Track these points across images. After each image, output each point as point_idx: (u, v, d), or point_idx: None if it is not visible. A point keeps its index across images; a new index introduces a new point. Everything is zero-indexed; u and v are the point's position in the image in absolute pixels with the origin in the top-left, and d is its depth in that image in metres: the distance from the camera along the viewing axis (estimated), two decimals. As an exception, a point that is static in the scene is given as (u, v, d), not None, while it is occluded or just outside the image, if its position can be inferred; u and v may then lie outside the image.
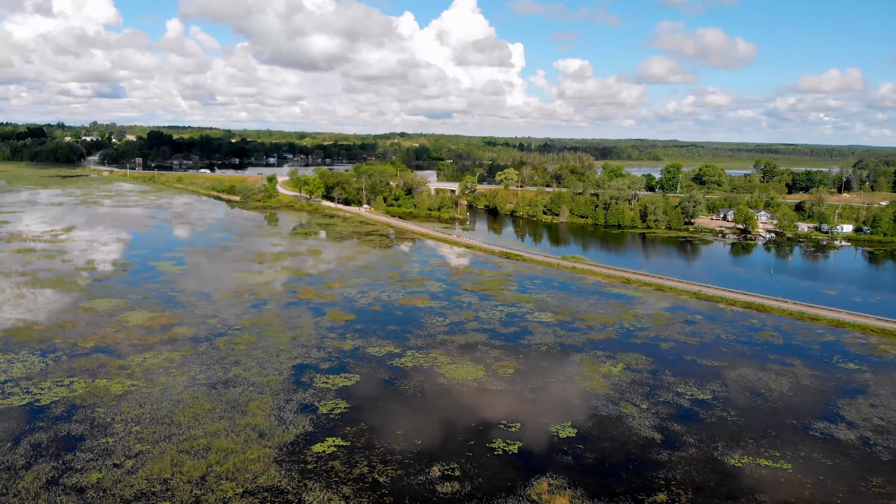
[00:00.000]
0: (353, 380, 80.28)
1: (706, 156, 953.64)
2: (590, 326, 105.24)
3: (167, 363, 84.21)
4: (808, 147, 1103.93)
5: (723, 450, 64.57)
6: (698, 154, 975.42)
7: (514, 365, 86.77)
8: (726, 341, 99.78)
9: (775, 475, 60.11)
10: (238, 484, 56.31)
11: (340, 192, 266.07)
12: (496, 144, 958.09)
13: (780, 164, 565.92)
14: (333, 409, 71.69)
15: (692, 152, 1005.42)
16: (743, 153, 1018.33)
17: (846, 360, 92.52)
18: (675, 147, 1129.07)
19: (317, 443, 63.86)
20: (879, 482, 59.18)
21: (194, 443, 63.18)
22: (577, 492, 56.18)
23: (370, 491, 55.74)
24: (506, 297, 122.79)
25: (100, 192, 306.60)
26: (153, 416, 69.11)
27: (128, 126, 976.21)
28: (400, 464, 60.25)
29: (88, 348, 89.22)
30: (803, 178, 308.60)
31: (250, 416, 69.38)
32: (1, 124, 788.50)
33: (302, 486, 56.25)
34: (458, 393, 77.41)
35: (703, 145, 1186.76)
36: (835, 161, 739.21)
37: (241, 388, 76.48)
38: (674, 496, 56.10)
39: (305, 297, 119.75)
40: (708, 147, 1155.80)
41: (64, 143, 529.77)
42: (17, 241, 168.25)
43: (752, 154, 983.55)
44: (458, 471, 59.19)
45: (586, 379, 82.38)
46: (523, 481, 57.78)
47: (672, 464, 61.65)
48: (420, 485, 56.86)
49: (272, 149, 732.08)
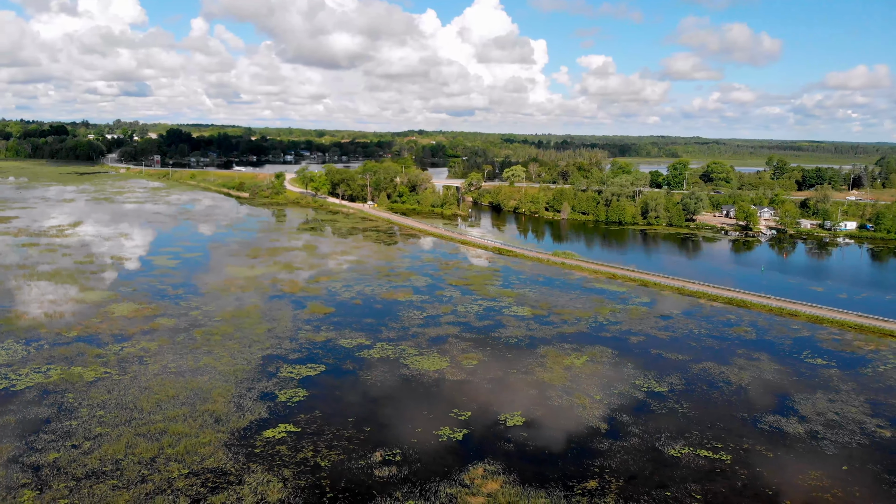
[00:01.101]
0: (318, 370, 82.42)
1: (727, 153, 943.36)
2: (564, 320, 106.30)
3: (142, 352, 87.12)
4: (832, 144, 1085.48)
5: (665, 441, 65.52)
6: (718, 151, 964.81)
7: (479, 357, 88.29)
8: (697, 336, 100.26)
9: (712, 466, 60.98)
10: (185, 465, 58.67)
11: (345, 188, 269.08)
12: (514, 141, 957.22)
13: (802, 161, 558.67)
14: (292, 397, 73.88)
15: (713, 149, 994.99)
16: (765, 150, 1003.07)
17: (815, 355, 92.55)
18: (696, 144, 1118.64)
19: (269, 429, 66.05)
20: (817, 475, 59.70)
21: (152, 427, 65.74)
22: (510, 477, 57.67)
23: (309, 474, 57.76)
24: (488, 292, 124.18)
25: (113, 188, 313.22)
26: (118, 401, 71.85)
27: (151, 124, 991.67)
28: (344, 449, 62.20)
29: (71, 337, 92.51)
30: (813, 176, 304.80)
31: (211, 402, 71.82)
32: (27, 122, 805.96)
33: (245, 468, 58.46)
34: (417, 383, 79.17)
35: (725, 142, 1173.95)
36: (859, 158, 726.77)
37: (207, 377, 79.00)
38: (605, 483, 57.32)
39: (290, 290, 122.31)
40: (730, 144, 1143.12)
41: (84, 141, 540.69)
42: (23, 236, 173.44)
43: (775, 151, 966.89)
44: (400, 456, 60.97)
45: (547, 370, 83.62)
46: (461, 467, 59.40)
47: (611, 453, 62.80)
48: (359, 469, 58.76)
49: (290, 146, 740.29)
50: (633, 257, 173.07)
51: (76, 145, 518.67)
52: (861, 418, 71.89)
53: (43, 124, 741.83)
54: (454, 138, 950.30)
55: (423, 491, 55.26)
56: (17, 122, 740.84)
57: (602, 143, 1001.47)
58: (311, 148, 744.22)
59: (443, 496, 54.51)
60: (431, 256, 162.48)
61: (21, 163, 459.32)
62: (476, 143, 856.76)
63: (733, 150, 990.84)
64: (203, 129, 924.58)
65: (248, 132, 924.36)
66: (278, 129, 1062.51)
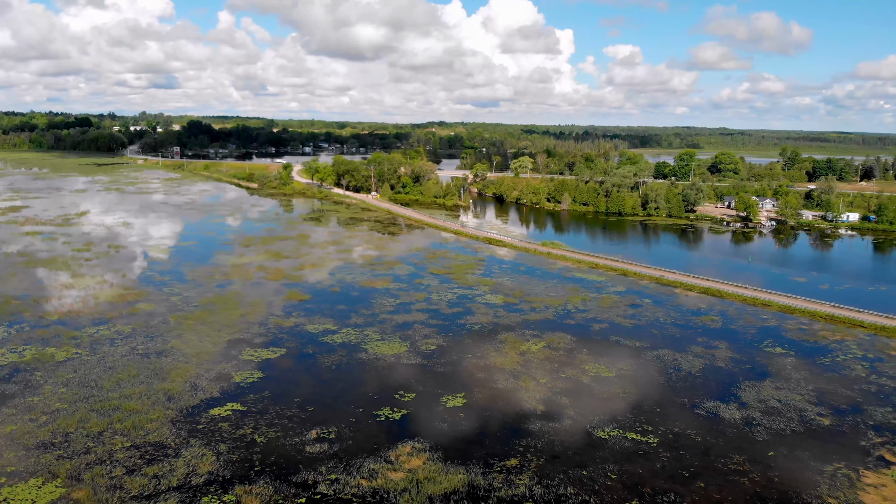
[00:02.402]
0: (279, 353, 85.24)
1: (750, 144, 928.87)
2: (533, 308, 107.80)
3: (116, 335, 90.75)
4: (860, 135, 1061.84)
5: (598, 423, 67.08)
6: (742, 142, 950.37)
7: (439, 342, 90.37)
8: (662, 324, 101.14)
9: (636, 448, 62.44)
10: (129, 439, 61.80)
11: (349, 179, 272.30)
12: (534, 132, 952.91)
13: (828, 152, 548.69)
14: (247, 378, 76.74)
15: (736, 140, 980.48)
16: (790, 141, 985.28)
17: (776, 344, 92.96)
18: (720, 135, 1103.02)
19: (216, 407, 68.98)
20: (740, 460, 60.78)
21: (107, 403, 69.07)
22: (434, 455, 59.81)
23: (244, 449, 60.50)
24: (466, 280, 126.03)
25: (126, 179, 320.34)
26: (82, 379, 75.38)
27: (177, 116, 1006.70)
28: (283, 427, 64.86)
29: (52, 321, 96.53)
30: (823, 167, 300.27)
31: (168, 382, 74.99)
32: (54, 114, 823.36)
33: (185, 442, 61.41)
34: (371, 366, 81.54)
35: (751, 133, 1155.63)
36: (886, 150, 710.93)
37: (171, 359, 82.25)
38: (525, 462, 59.16)
39: (273, 278, 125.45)
40: (756, 135, 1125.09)
41: (105, 133, 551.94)
42: (29, 225, 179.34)
43: (801, 143, 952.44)
44: (334, 434, 63.46)
45: (502, 355, 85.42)
46: (390, 445, 61.68)
47: (541, 434, 64.55)
48: (292, 445, 61.37)
49: (309, 138, 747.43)
50: (623, 247, 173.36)
51: (97, 137, 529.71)
52: (803, 406, 72.58)
53: (69, 116, 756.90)
54: (473, 129, 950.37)
55: (347, 466, 57.68)
56: (43, 114, 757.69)
57: (624, 134, 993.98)
58: (329, 140, 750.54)
59: (365, 471, 56.86)
60: (421, 246, 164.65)
61: (43, 154, 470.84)
62: (496, 134, 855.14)
63: (757, 141, 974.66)
64: (228, 120, 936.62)
65: (270, 124, 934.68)
66: (300, 121, 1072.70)
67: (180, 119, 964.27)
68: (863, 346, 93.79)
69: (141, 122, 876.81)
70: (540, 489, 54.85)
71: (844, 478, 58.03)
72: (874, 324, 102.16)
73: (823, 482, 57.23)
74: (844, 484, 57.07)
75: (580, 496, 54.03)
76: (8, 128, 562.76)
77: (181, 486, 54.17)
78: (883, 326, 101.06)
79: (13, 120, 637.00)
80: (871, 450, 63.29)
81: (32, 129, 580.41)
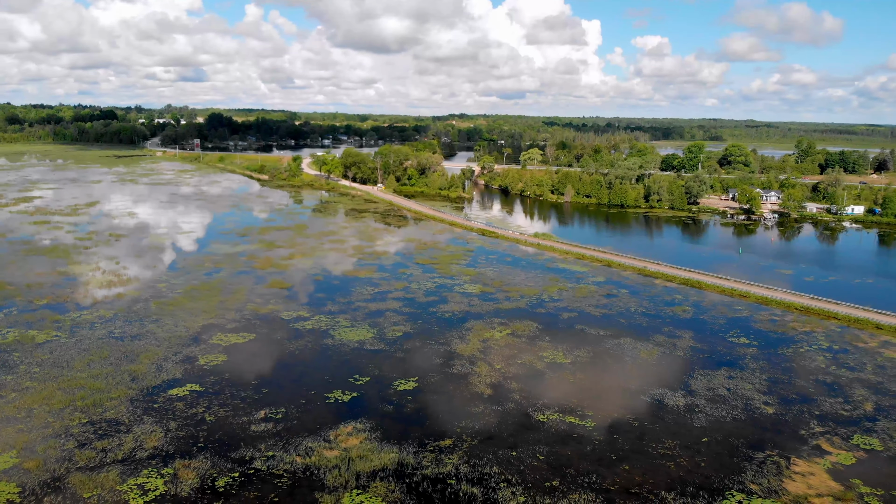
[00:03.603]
0: (248, 338, 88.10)
1: (775, 136, 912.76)
2: (508, 297, 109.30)
3: (97, 319, 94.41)
4: (889, 128, 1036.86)
5: (540, 407, 68.66)
6: (767, 135, 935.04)
7: (406, 329, 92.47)
8: (631, 313, 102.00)
9: (571, 430, 63.97)
10: (86, 415, 65.02)
11: (356, 171, 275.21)
12: (555, 124, 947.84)
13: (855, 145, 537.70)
14: (211, 361, 79.64)
15: (761, 133, 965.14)
16: (817, 134, 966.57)
17: (742, 335, 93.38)
18: (746, 127, 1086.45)
19: (176, 388, 71.95)
20: (671, 445, 61.96)
21: (74, 382, 72.45)
22: (372, 434, 62.04)
23: (193, 427, 63.31)
24: (449, 270, 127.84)
25: (142, 171, 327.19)
26: (55, 360, 78.95)
27: (202, 109, 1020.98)
28: (234, 407, 67.56)
29: (40, 305, 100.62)
30: (836, 159, 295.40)
31: (136, 364, 78.21)
32: (83, 107, 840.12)
33: (138, 419, 64.43)
34: (334, 352, 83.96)
35: (777, 125, 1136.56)
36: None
37: (144, 342, 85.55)
38: (459, 442, 61.07)
39: (261, 266, 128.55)
40: (783, 127, 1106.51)
41: (128, 126, 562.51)
42: (39, 214, 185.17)
43: (828, 135, 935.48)
44: (282, 415, 65.98)
45: (464, 342, 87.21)
46: (333, 425, 64.02)
47: (482, 415, 66.39)
48: (238, 423, 64.03)
49: (329, 130, 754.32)
50: (618, 239, 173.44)
51: (120, 129, 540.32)
52: (751, 395, 73.30)
53: (95, 109, 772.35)
54: (494, 122, 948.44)
55: (286, 444, 60.16)
56: (69, 107, 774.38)
57: (648, 126, 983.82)
58: (349, 132, 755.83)
59: (302, 449, 59.26)
60: (413, 237, 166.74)
61: (66, 146, 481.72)
62: (516, 126, 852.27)
63: (783, 134, 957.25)
64: (253, 113, 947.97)
65: (292, 117, 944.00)
66: (323, 114, 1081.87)
67: (205, 112, 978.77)
68: (831, 337, 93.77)
69: (166, 114, 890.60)
70: (466, 468, 56.74)
71: (773, 465, 58.94)
72: (848, 315, 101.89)
73: (751, 469, 58.20)
74: (772, 471, 57.98)
75: (503, 475, 55.81)
76: (34, 120, 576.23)
77: (125, 460, 57.08)
78: (857, 318, 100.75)
79: (40, 113, 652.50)
80: (810, 439, 63.98)
81: (58, 121, 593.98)
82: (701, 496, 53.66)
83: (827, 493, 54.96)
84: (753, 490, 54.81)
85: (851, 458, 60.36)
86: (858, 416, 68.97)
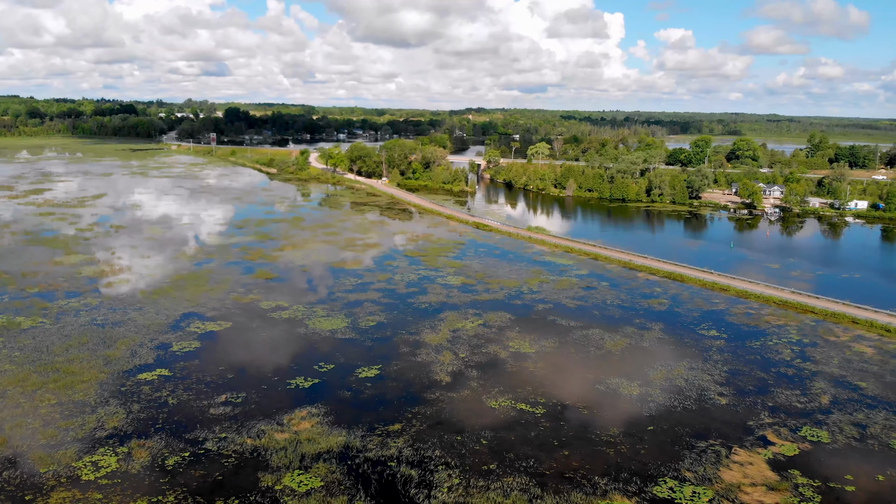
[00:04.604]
0: (224, 326, 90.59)
1: (796, 131, 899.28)
2: (488, 289, 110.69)
3: (83, 307, 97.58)
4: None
5: (495, 394, 70.16)
6: (788, 130, 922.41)
7: (380, 319, 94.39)
8: (606, 305, 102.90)
9: (520, 417, 65.42)
10: (56, 397, 67.84)
11: (361, 165, 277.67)
12: (573, 118, 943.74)
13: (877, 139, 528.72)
14: (184, 348, 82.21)
15: (781, 127, 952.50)
16: (839, 129, 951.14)
17: (714, 328, 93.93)
18: (767, 122, 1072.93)
19: (146, 372, 74.58)
20: (615, 432, 63.05)
21: (50, 366, 75.40)
22: (325, 419, 64.04)
23: (155, 409, 65.80)
24: (435, 263, 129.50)
25: (155, 164, 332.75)
26: (36, 345, 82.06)
27: (222, 103, 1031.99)
28: (198, 391, 69.97)
29: (31, 293, 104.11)
30: (846, 154, 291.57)
31: (112, 349, 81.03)
32: (106, 101, 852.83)
33: (104, 401, 67.10)
34: (306, 340, 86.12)
35: (799, 120, 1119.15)
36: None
37: (124, 329, 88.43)
38: (408, 426, 62.85)
39: (251, 258, 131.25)
40: (805, 122, 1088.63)
41: (145, 120, 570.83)
42: (46, 206, 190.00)
43: (850, 129, 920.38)
44: (241, 399, 68.24)
45: (434, 332, 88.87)
46: (289, 409, 66.13)
47: (436, 402, 68.09)
48: (199, 407, 66.39)
49: (345, 125, 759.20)
50: (613, 233, 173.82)
51: (137, 123, 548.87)
52: (708, 386, 74.12)
53: (116, 103, 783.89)
54: (510, 116, 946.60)
55: (240, 426, 62.39)
56: (91, 101, 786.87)
57: (668, 120, 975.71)
58: (365, 126, 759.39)
59: (254, 432, 61.44)
60: (409, 229, 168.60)
61: (84, 140, 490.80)
62: (532, 120, 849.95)
63: (804, 128, 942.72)
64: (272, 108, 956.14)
65: (310, 111, 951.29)
66: (340, 109, 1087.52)
67: (224, 106, 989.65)
68: (803, 331, 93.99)
69: (185, 109, 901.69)
70: (409, 451, 58.51)
71: (714, 454, 59.86)
72: (825, 310, 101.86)
73: (690, 457, 59.20)
74: (710, 459, 58.94)
75: (444, 458, 57.49)
76: (55, 115, 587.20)
77: (84, 439, 59.69)
78: (833, 313, 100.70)
79: (61, 107, 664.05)
80: (757, 429, 64.76)
81: (78, 115, 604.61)
82: (634, 482, 54.89)
83: (762, 482, 55.87)
84: (687, 477, 55.89)
85: (795, 450, 61.07)
86: (812, 409, 69.52)
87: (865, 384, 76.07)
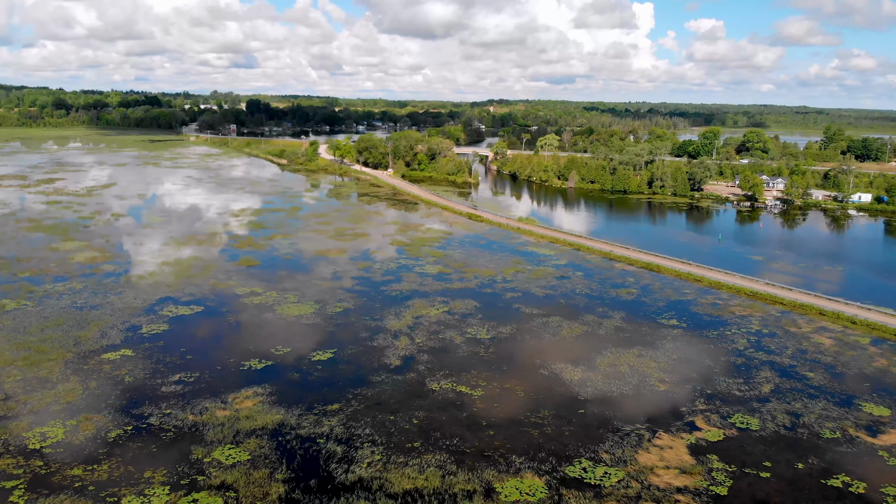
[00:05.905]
0: (195, 311, 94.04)
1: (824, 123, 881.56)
2: (462, 278, 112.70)
3: (67, 290, 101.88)
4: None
5: (438, 377, 72.39)
6: (814, 122, 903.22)
7: (348, 305, 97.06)
8: (574, 294, 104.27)
9: (457, 398, 67.59)
10: (23, 373, 71.77)
11: (367, 156, 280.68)
12: (595, 110, 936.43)
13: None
14: (152, 330, 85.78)
15: (808, 119, 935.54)
16: (867, 121, 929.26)
17: (675, 317, 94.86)
18: (795, 114, 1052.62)
19: (111, 352, 78.23)
20: (546, 414, 64.98)
21: (23, 345, 79.46)
22: (268, 399, 66.91)
23: (111, 386, 69.33)
24: (418, 252, 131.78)
25: (171, 154, 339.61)
26: (15, 325, 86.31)
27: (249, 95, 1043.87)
28: (154, 371, 73.35)
29: (21, 277, 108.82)
30: (858, 146, 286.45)
31: (84, 330, 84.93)
32: (135, 92, 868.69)
33: (65, 378, 70.81)
34: (270, 325, 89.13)
35: (828, 112, 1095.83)
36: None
37: (100, 311, 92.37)
38: (346, 406, 65.44)
39: (239, 245, 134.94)
40: (833, 114, 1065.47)
41: (167, 111, 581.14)
42: (55, 195, 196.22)
43: (878, 122, 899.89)
44: (194, 379, 71.43)
45: (398, 319, 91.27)
46: (237, 389, 69.14)
47: (380, 384, 70.57)
48: (152, 385, 69.74)
49: (364, 116, 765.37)
50: (607, 225, 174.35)
51: (159, 115, 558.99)
52: (650, 373, 75.44)
53: (141, 95, 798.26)
54: (532, 107, 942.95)
55: (186, 403, 65.58)
56: (117, 92, 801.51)
57: (692, 112, 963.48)
58: (384, 118, 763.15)
59: (198, 409, 64.53)
60: (401, 219, 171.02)
61: (107, 131, 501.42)
62: (555, 112, 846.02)
63: (832, 121, 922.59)
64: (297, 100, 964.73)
65: (332, 102, 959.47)
66: (363, 101, 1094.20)
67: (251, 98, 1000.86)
68: (766, 321, 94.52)
69: (211, 100, 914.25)
70: (340, 429, 61.12)
71: (636, 437, 61.45)
72: (794, 301, 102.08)
73: (612, 440, 60.86)
74: (631, 442, 60.54)
75: (372, 436, 59.98)
76: (80, 106, 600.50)
77: (39, 412, 63.35)
78: (802, 304, 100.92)
79: (87, 98, 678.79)
80: (687, 415, 66.11)
81: (104, 107, 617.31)
82: (549, 461, 56.79)
83: (676, 465, 57.35)
84: (603, 459, 57.62)
85: (720, 436, 62.33)
86: (750, 397, 70.53)
87: (813, 374, 76.76)
